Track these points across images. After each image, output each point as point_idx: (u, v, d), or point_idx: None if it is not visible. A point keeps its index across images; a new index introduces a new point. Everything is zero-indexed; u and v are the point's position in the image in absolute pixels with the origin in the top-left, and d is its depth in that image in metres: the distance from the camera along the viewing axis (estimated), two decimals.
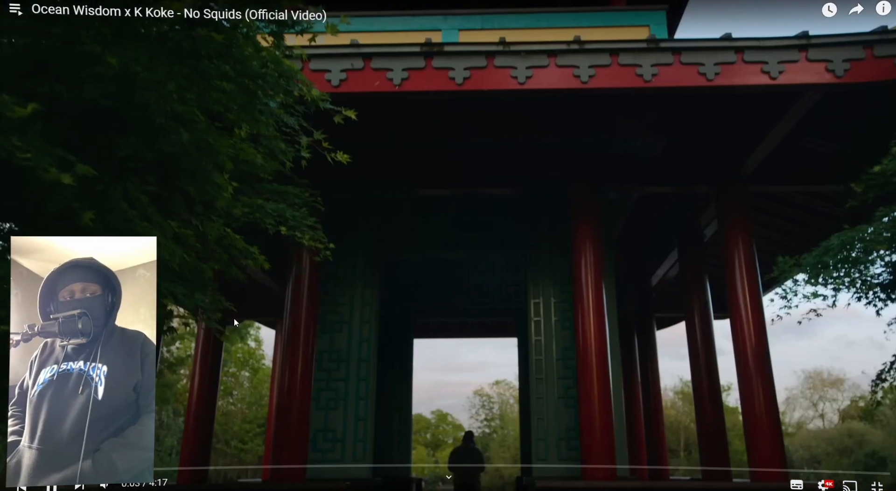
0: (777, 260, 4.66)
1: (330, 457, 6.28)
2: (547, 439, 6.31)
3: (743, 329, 5.64)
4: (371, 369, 6.57)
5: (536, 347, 6.64)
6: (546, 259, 7.04)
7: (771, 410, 5.35)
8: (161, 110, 2.00)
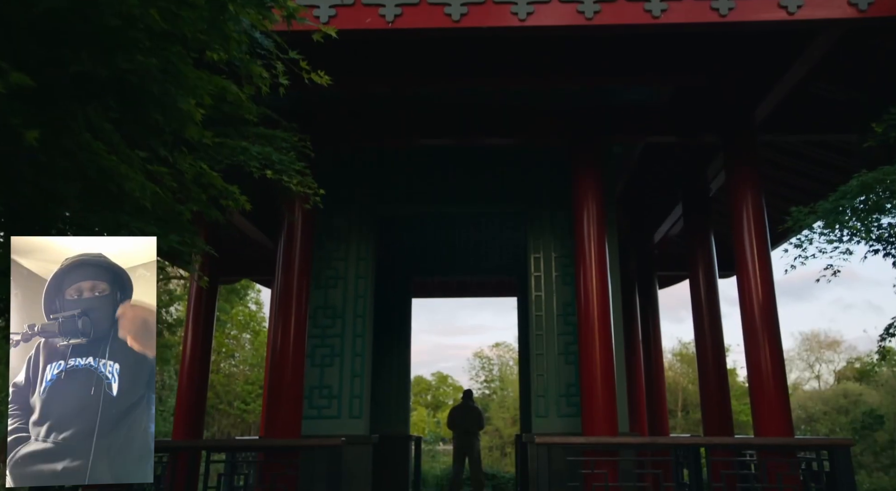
0: (790, 211, 4.44)
1: (326, 413, 6.19)
2: (547, 396, 6.21)
3: (750, 285, 5.46)
4: (367, 325, 6.43)
5: (536, 302, 6.49)
6: (547, 214, 6.84)
7: (777, 368, 5.20)
8: (114, 11, 1.76)
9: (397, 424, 9.06)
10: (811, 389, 31.51)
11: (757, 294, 5.42)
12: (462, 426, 10.42)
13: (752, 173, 5.76)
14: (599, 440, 4.85)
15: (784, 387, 5.19)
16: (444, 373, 42.19)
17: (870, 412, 14.91)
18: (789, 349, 33.34)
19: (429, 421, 34.32)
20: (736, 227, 5.69)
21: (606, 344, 5.37)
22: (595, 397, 5.17)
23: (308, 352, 6.29)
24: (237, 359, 23.50)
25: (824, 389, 31.34)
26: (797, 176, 7.75)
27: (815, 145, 7.04)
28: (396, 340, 9.45)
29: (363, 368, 6.29)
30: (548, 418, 6.13)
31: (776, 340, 5.30)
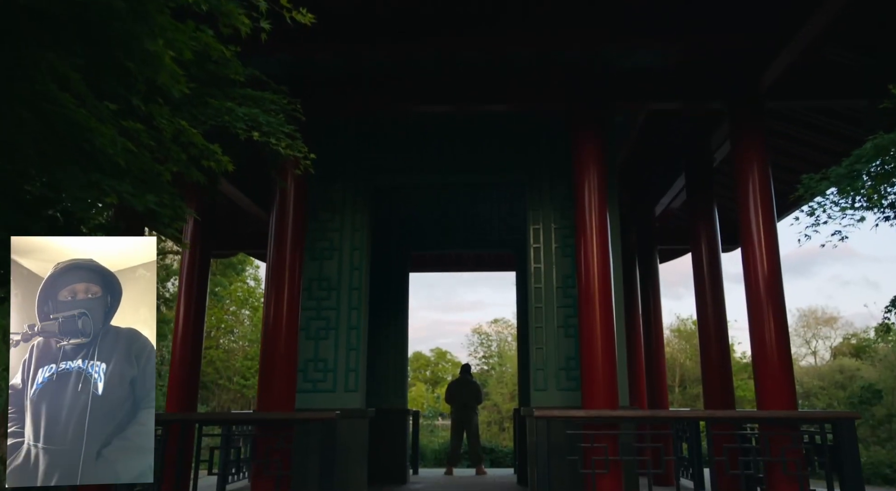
0: (801, 177, 4.27)
1: (321, 387, 6.09)
2: (546, 369, 6.11)
3: (755, 257, 5.32)
4: (363, 298, 6.30)
5: (536, 274, 6.35)
6: (546, 184, 6.67)
7: (782, 342, 5.09)
8: None
9: (395, 399, 8.98)
10: (807, 365, 31.65)
11: (762, 266, 5.28)
12: (460, 401, 10.38)
13: (759, 141, 5.59)
14: (600, 414, 4.75)
15: (788, 361, 5.08)
16: (442, 349, 42.27)
17: (868, 387, 14.88)
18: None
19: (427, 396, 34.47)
20: (741, 197, 5.53)
21: (607, 316, 5.25)
22: (595, 370, 5.06)
23: (303, 325, 6.18)
24: (236, 335, 23.50)
25: (821, 365, 31.49)
26: (802, 146, 7.56)
27: (820, 112, 6.84)
28: (394, 315, 9.34)
29: (359, 341, 6.18)
30: (547, 392, 6.03)
31: (781, 313, 5.18)
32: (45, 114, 2.09)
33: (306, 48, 5.56)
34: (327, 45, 5.53)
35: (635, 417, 4.94)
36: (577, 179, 5.69)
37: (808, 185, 4.14)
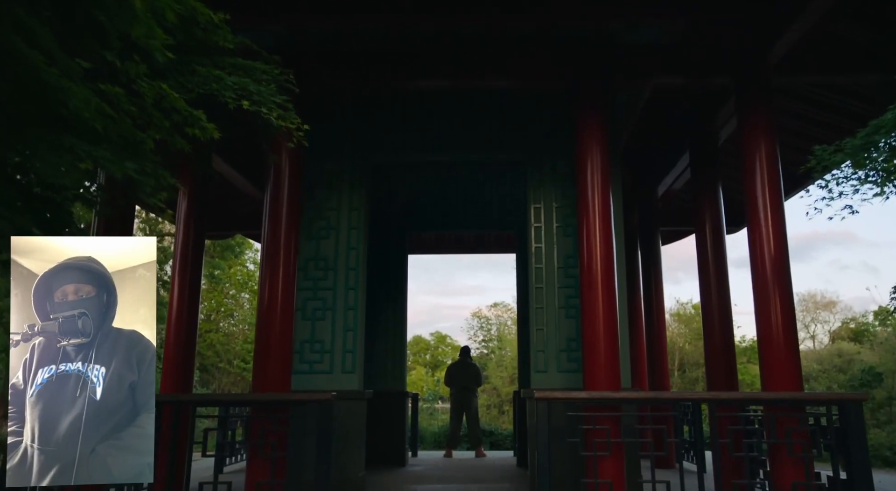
0: (814, 149, 4.12)
1: (318, 368, 5.98)
2: (546, 351, 6.00)
3: (762, 237, 5.19)
4: (360, 278, 6.18)
5: (536, 254, 6.22)
6: (547, 163, 6.52)
7: (788, 323, 4.97)
8: None
9: (393, 381, 8.92)
10: (806, 349, 31.77)
11: (769, 246, 5.15)
12: (460, 383, 10.32)
13: (767, 117, 5.44)
14: (602, 395, 4.65)
15: (794, 343, 4.97)
16: (442, 333, 42.38)
17: (869, 370, 14.86)
18: None
19: (427, 380, 34.57)
20: (748, 175, 5.39)
21: (609, 296, 5.13)
22: (597, 351, 4.95)
23: (299, 305, 6.06)
24: (236, 318, 23.48)
25: (819, 349, 31.64)
26: (808, 123, 7.39)
27: (826, 88, 6.66)
28: (392, 297, 9.25)
29: (356, 321, 6.07)
30: (547, 374, 5.93)
31: (788, 294, 5.06)
32: (14, 73, 1.96)
33: (301, 20, 5.40)
34: (322, 18, 5.36)
35: (638, 399, 4.84)
36: (579, 157, 5.54)
37: (822, 157, 3.99)
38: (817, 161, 4.07)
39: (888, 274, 47.45)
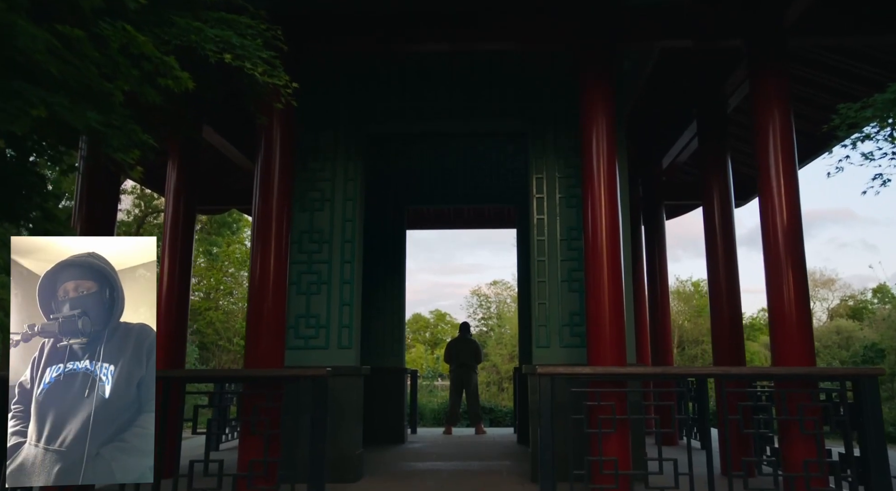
0: (838, 107, 3.89)
1: (313, 344, 5.81)
2: (548, 325, 5.82)
3: (774, 208, 4.97)
4: (356, 251, 5.97)
5: (539, 226, 6.01)
6: (550, 132, 6.28)
7: (801, 297, 4.77)
8: None
9: (392, 358, 8.77)
10: None
11: (781, 217, 4.94)
12: (459, 359, 10.18)
13: (781, 82, 5.19)
14: (608, 370, 4.47)
15: (807, 317, 4.78)
16: (442, 311, 42.32)
17: (871, 346, 14.75)
18: None
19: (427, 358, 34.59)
20: (760, 142, 5.15)
21: (615, 269, 4.93)
22: (602, 326, 4.77)
23: (293, 279, 5.88)
24: (236, 296, 23.35)
25: (818, 327, 31.73)
26: (818, 90, 7.12)
27: (839, 52, 6.38)
28: (391, 273, 9.06)
29: (353, 296, 5.87)
30: (549, 349, 5.76)
31: (801, 266, 4.86)
32: None
33: None
34: None
35: (645, 374, 4.67)
36: (584, 125, 5.29)
37: (847, 115, 3.75)
38: (842, 119, 3.83)
39: (887, 252, 47.38)
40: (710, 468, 4.30)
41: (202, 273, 24.73)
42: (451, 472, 6.14)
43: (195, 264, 24.36)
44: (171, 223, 6.51)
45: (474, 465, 6.59)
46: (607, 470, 4.37)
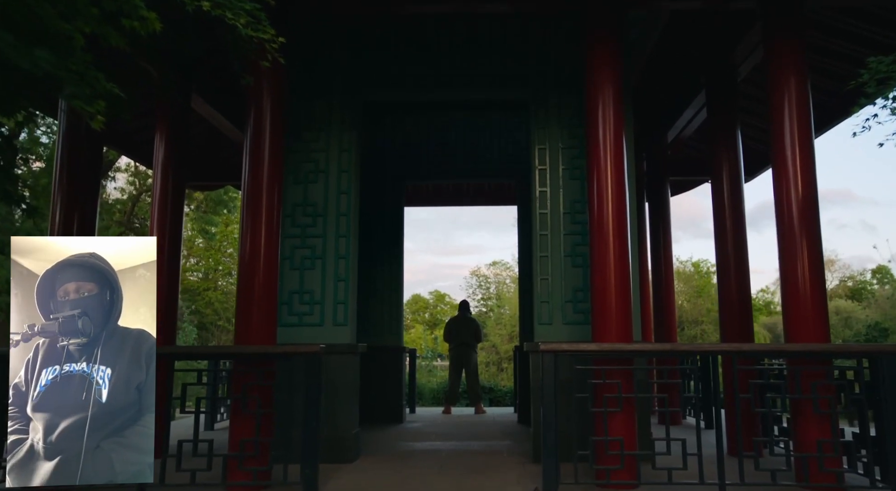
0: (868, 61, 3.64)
1: (307, 321, 5.61)
2: (551, 301, 5.62)
3: (788, 180, 4.73)
4: (351, 225, 5.75)
5: (541, 199, 5.78)
6: (553, 101, 6.02)
7: (816, 272, 4.55)
8: None
9: (390, 336, 8.59)
10: None
11: (796, 189, 4.70)
12: (459, 338, 10.02)
13: (797, 44, 4.92)
14: (614, 347, 4.27)
15: (822, 292, 4.57)
16: (441, 291, 42.22)
17: (875, 325, 14.64)
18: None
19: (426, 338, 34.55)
20: (775, 111, 4.90)
21: (621, 242, 4.70)
22: (608, 301, 4.56)
23: (286, 254, 5.67)
24: (234, 277, 23.20)
25: None
26: (829, 57, 6.83)
27: (851, 15, 6.08)
28: (388, 250, 8.85)
29: (348, 271, 5.66)
30: (552, 326, 5.57)
31: (816, 239, 4.64)
32: None
33: None
34: None
35: (654, 351, 4.47)
36: (589, 92, 5.03)
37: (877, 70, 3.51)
38: (872, 74, 3.59)
39: (886, 233, 47.20)
40: (721, 448, 4.13)
41: (201, 254, 24.54)
42: (450, 452, 5.98)
43: (194, 245, 24.20)
44: (159, 197, 6.28)
45: (474, 445, 6.43)
46: (613, 450, 4.20)
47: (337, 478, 4.74)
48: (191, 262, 25.33)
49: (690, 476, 4.15)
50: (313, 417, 4.22)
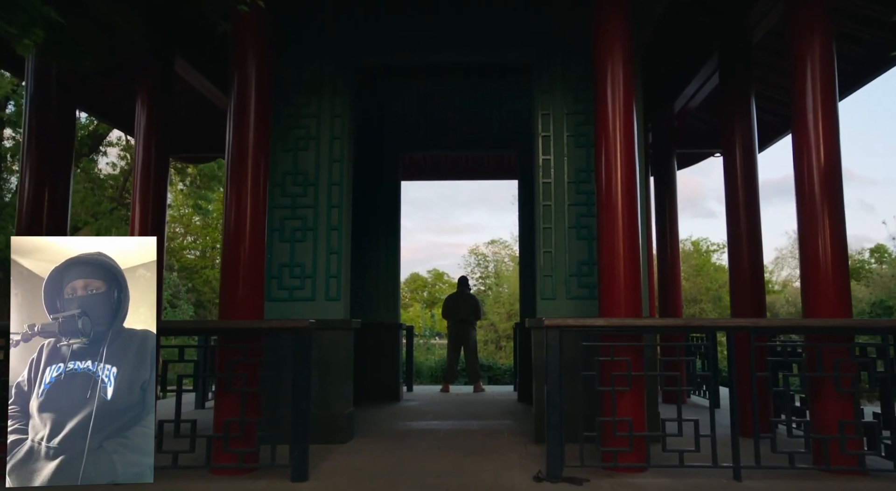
0: None
1: (298, 295, 5.34)
2: (554, 276, 5.35)
3: (810, 145, 4.42)
4: (344, 194, 5.45)
5: (544, 167, 5.48)
6: (557, 63, 5.69)
7: (839, 245, 4.25)
8: None
9: (386, 312, 8.34)
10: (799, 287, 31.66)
11: (818, 156, 4.40)
12: (458, 315, 9.78)
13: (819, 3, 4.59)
14: (624, 322, 4.00)
15: (845, 266, 4.29)
16: (440, 270, 42.00)
17: (879, 303, 14.43)
18: (782, 247, 33.53)
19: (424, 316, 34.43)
20: (797, 72, 4.57)
21: (631, 213, 4.41)
22: (616, 274, 4.28)
23: (276, 225, 5.39)
24: None
25: None
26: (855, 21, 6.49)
27: None
28: (385, 223, 8.57)
29: (341, 243, 5.38)
30: (555, 301, 5.30)
31: (839, 209, 4.35)
32: None
33: None
34: None
35: (666, 327, 4.21)
36: (598, 54, 4.68)
37: None
38: None
39: (884, 212, 46.87)
40: (735, 429, 3.88)
41: (198, 231, 24.20)
42: (449, 431, 5.76)
43: (191, 223, 23.85)
44: (142, 167, 5.98)
45: (473, 424, 6.21)
46: (621, 431, 3.95)
47: (329, 460, 4.50)
48: (188, 239, 25.02)
49: (702, 458, 3.92)
50: (303, 395, 3.97)
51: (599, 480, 3.84)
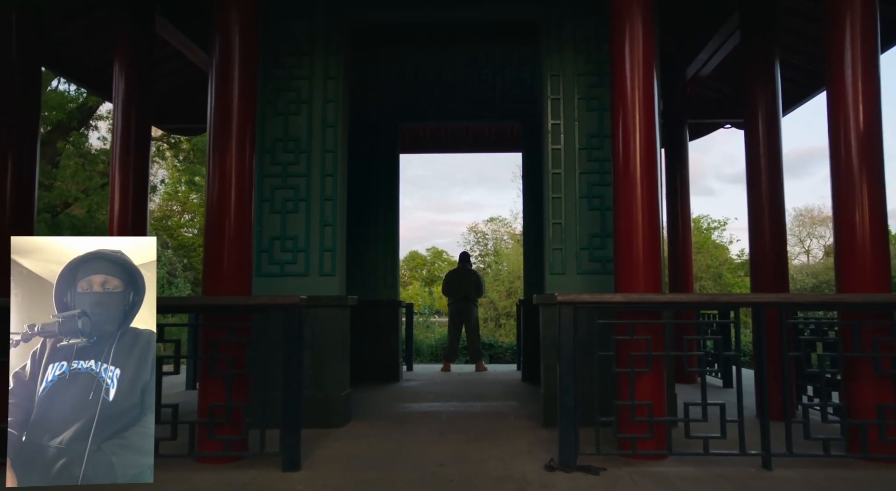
0: None
1: (290, 270, 4.99)
2: (564, 249, 5.00)
3: (847, 104, 4.01)
4: (339, 162, 5.07)
5: (554, 133, 5.10)
6: (568, 19, 5.28)
7: (878, 215, 3.88)
8: None
9: (385, 290, 8.02)
10: (800, 264, 31.87)
11: (856, 117, 4.01)
12: (459, 292, 9.46)
13: None
14: (644, 298, 3.65)
15: (885, 238, 3.93)
16: (439, 248, 41.69)
17: None
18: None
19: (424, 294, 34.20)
20: (832, 22, 4.16)
21: (651, 181, 4.02)
22: (634, 246, 3.91)
23: (266, 195, 5.03)
24: None
25: (813, 263, 31.67)
26: None
27: None
28: (383, 197, 8.21)
29: (335, 214, 5.01)
30: (565, 276, 4.96)
31: (878, 175, 3.97)
32: None
33: None
34: None
35: (690, 302, 3.85)
36: (615, 5, 4.26)
37: None
38: None
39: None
40: (765, 415, 3.56)
41: (195, 209, 23.78)
42: (451, 414, 5.46)
43: (188, 201, 23.42)
44: (120, 136, 5.60)
45: (476, 406, 5.91)
46: (640, 416, 3.63)
47: (324, 446, 4.19)
48: (185, 218, 24.61)
49: (727, 445, 3.60)
50: (293, 376, 3.64)
51: (617, 469, 3.53)
